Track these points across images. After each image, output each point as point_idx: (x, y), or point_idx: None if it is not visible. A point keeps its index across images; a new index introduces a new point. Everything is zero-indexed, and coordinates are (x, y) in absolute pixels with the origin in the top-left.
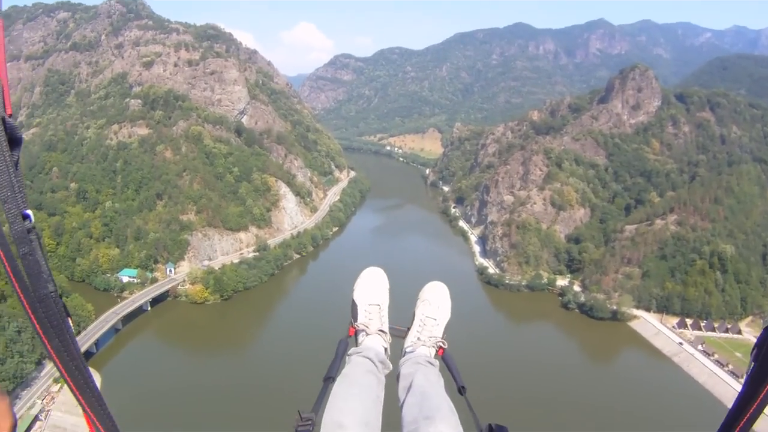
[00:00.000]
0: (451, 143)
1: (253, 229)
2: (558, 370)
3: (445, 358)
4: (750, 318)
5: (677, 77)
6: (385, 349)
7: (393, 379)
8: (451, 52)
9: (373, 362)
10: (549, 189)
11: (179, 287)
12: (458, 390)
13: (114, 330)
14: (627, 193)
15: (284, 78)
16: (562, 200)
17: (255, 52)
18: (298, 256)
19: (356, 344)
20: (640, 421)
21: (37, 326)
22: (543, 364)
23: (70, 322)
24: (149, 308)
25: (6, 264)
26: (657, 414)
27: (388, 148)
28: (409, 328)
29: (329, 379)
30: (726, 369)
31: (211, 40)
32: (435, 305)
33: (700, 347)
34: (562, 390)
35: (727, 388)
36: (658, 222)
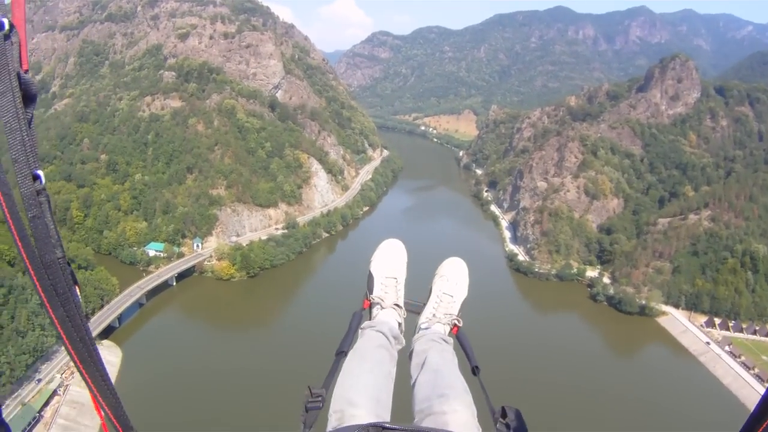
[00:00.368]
0: (486, 126)
1: (283, 206)
2: (581, 359)
3: (459, 336)
4: None
5: (716, 70)
6: (399, 324)
7: (404, 357)
8: (489, 33)
9: (387, 337)
10: (583, 177)
11: (206, 263)
12: (472, 370)
13: (138, 304)
14: (661, 186)
15: (320, 53)
16: (596, 189)
17: (292, 26)
18: (327, 234)
19: (370, 317)
20: (663, 417)
21: (42, 293)
22: (567, 352)
23: (78, 290)
24: (174, 283)
25: (12, 226)
26: (679, 411)
27: (423, 128)
28: (424, 304)
29: (341, 354)
30: (752, 372)
31: (248, 14)
32: (453, 282)
33: (726, 348)
34: (584, 379)
35: (752, 391)
36: (692, 217)
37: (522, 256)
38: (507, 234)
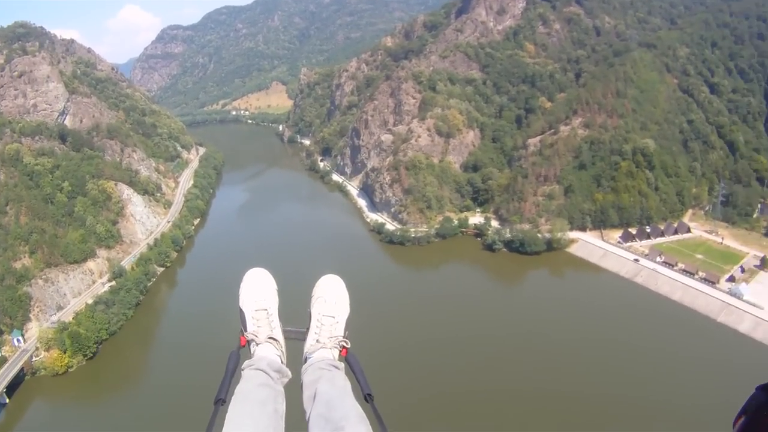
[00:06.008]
0: (300, 92)
1: (102, 253)
2: (509, 323)
3: (349, 359)
4: (690, 211)
5: None
6: (280, 357)
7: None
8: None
9: (267, 373)
10: (430, 117)
11: (34, 359)
12: (364, 398)
13: None
14: (513, 104)
15: (109, 63)
16: (448, 127)
17: (72, 41)
18: (162, 269)
19: (250, 355)
20: (634, 362)
21: None
22: (491, 321)
23: None
24: (7, 401)
25: None
26: (648, 349)
27: (234, 112)
28: (307, 329)
29: (219, 401)
30: (697, 277)
31: (22, 40)
32: (331, 301)
33: (658, 259)
34: (525, 343)
35: (708, 299)
36: (564, 128)
37: (390, 224)
38: (362, 202)
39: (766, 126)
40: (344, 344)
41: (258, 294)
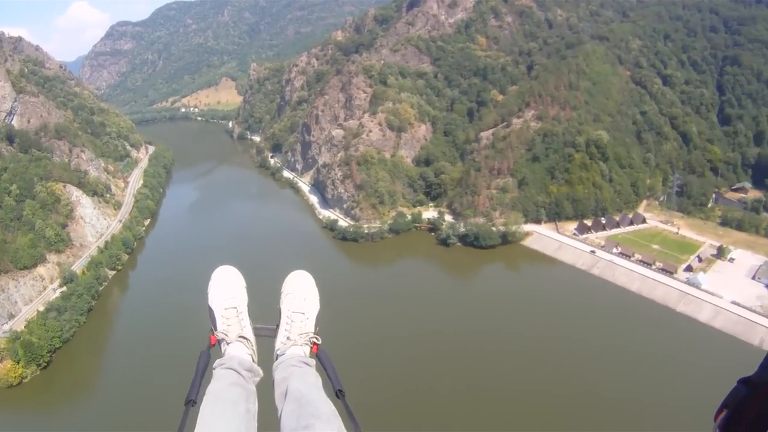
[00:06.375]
0: (249, 87)
1: (53, 257)
2: (462, 324)
3: (319, 356)
4: (645, 202)
5: None
6: (251, 356)
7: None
8: None
9: (238, 372)
10: (382, 111)
11: None
12: (335, 394)
13: None
14: (465, 97)
15: (57, 62)
16: (399, 121)
17: (20, 39)
18: (113, 272)
19: (221, 354)
20: (595, 358)
21: None
22: (466, 319)
23: None
24: None
25: None
26: (611, 345)
27: (183, 110)
28: (277, 326)
29: (190, 402)
30: (655, 268)
31: None
32: (301, 297)
33: (615, 250)
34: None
35: (666, 289)
36: (516, 121)
37: (343, 221)
38: (313, 199)
39: (718, 117)
40: (315, 341)
41: (227, 292)
